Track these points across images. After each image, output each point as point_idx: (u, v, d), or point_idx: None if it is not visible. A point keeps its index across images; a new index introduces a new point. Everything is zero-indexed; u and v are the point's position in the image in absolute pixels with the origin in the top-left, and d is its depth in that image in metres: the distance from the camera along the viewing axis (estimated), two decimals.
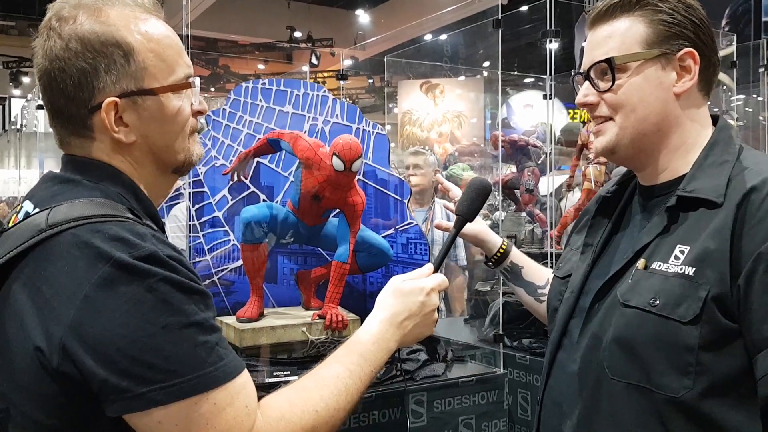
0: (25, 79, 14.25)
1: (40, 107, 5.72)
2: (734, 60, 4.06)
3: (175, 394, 0.82)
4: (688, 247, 1.03)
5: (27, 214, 0.92)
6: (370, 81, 14.10)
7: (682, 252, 1.04)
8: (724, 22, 7.09)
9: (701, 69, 1.11)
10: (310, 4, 13.90)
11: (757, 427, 0.98)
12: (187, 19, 2.02)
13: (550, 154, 3.23)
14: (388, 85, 6.35)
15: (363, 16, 13.42)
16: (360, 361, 1.05)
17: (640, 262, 1.09)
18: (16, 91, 14.42)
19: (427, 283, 1.18)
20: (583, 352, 1.13)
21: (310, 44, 13.03)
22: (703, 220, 1.04)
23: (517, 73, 7.22)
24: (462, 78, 6.08)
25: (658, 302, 1.03)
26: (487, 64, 4.60)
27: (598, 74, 1.15)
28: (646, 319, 1.03)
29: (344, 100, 2.28)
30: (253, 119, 2.13)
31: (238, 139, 2.12)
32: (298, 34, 13.47)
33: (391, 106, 6.78)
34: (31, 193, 0.98)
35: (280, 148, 1.97)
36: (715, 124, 1.17)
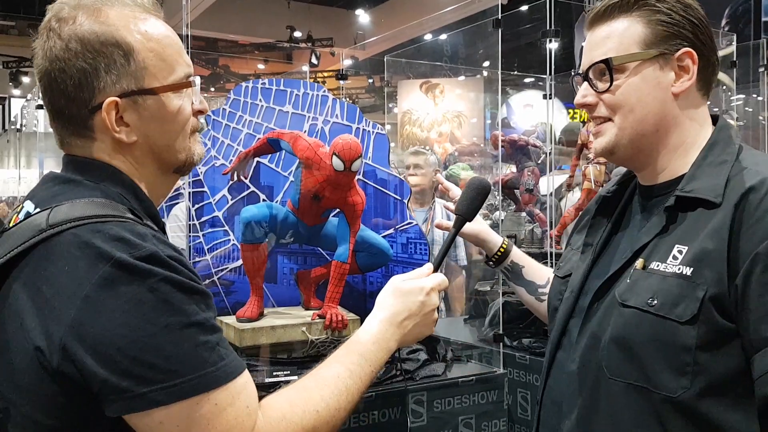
0: (25, 79, 14.24)
1: (39, 107, 5.72)
2: (734, 60, 4.06)
3: (176, 395, 0.82)
4: (687, 247, 1.03)
5: (28, 214, 0.92)
6: (370, 81, 14.09)
7: (681, 252, 1.04)
8: (723, 21, 7.08)
9: (700, 69, 1.11)
10: (310, 3, 13.90)
11: (755, 427, 0.98)
12: (186, 18, 2.02)
13: (550, 153, 3.23)
14: (388, 84, 6.35)
15: (363, 16, 13.42)
16: (360, 360, 1.05)
17: (639, 262, 1.09)
18: (16, 91, 14.41)
19: (427, 282, 1.18)
20: (582, 352, 1.13)
21: (310, 44, 13.03)
22: (701, 220, 1.04)
23: (517, 72, 7.23)
24: (462, 78, 6.09)
25: (655, 302, 1.03)
26: (487, 63, 4.60)
27: (597, 75, 1.15)
28: (643, 319, 1.04)
29: (344, 99, 2.28)
30: (253, 119, 2.13)
31: (238, 139, 2.12)
32: (298, 34, 13.47)
33: (391, 105, 6.79)
34: (32, 193, 0.98)
35: (279, 148, 1.97)
36: (715, 124, 1.16)
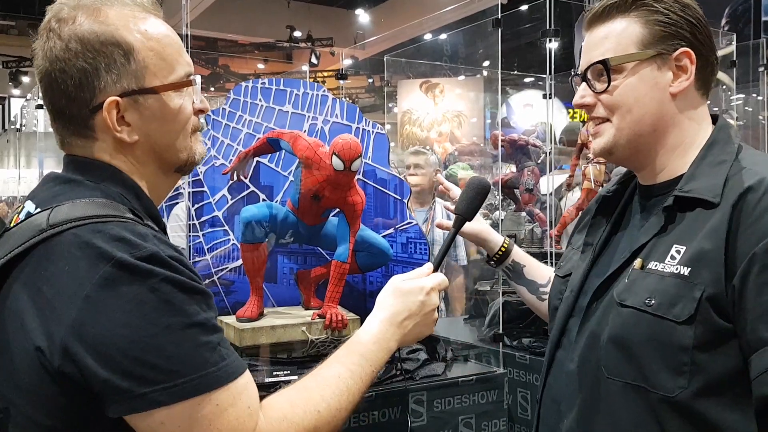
0: (25, 79, 14.24)
1: (39, 107, 5.72)
2: (734, 59, 4.07)
3: (178, 395, 0.82)
4: (685, 247, 1.03)
5: (28, 214, 0.92)
6: (370, 80, 14.08)
7: (679, 252, 1.04)
8: (723, 21, 7.08)
9: (698, 68, 1.11)
10: (310, 3, 13.89)
11: (752, 427, 0.98)
12: (186, 18, 2.02)
13: (549, 153, 3.23)
14: (388, 84, 6.35)
15: (363, 16, 13.41)
16: (361, 361, 1.05)
17: (637, 262, 1.09)
18: (16, 91, 14.40)
19: (427, 282, 1.18)
20: (581, 351, 1.14)
21: (309, 44, 13.02)
22: (699, 220, 1.04)
23: (516, 72, 7.24)
24: (462, 77, 6.09)
25: (653, 302, 1.03)
26: (486, 63, 4.61)
27: (595, 75, 1.15)
28: (641, 319, 1.04)
29: (344, 99, 2.28)
30: (253, 119, 2.13)
31: (238, 139, 2.12)
32: (297, 34, 13.46)
33: (390, 105, 6.79)
34: (33, 193, 0.98)
35: (279, 148, 1.97)
36: (715, 124, 1.16)
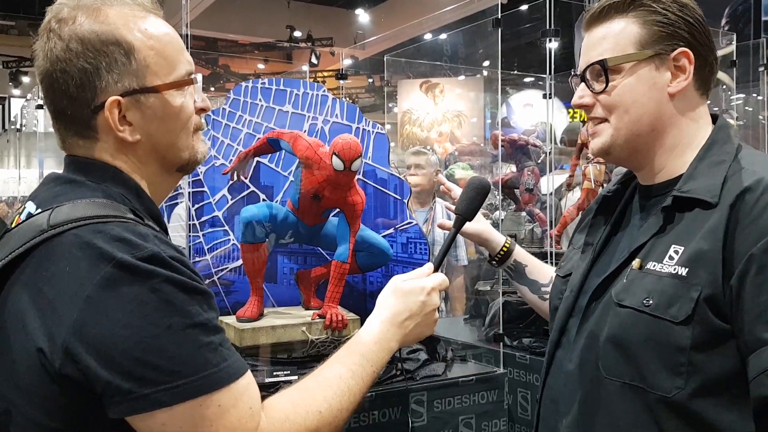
0: (25, 79, 14.23)
1: (39, 107, 5.73)
2: (734, 59, 4.06)
3: (180, 395, 0.82)
4: (683, 248, 1.03)
5: (29, 215, 0.92)
6: (370, 80, 14.07)
7: (677, 252, 1.04)
8: (723, 21, 7.08)
9: (697, 68, 1.11)
10: (310, 3, 13.89)
11: (750, 428, 0.98)
12: (186, 18, 2.02)
13: (550, 153, 3.23)
14: (388, 84, 6.34)
15: (363, 16, 13.41)
16: (362, 361, 1.05)
17: (635, 262, 1.09)
18: (16, 91, 14.40)
19: (428, 282, 1.18)
20: (580, 351, 1.14)
21: (309, 44, 13.02)
22: (698, 221, 1.04)
23: (516, 72, 7.23)
24: (462, 77, 6.09)
25: (651, 302, 1.03)
26: (486, 63, 4.60)
27: (593, 76, 1.15)
28: (639, 319, 1.04)
29: (344, 99, 2.28)
30: (253, 119, 2.13)
31: (238, 139, 2.12)
32: (297, 34, 13.46)
33: (390, 105, 6.79)
34: (34, 193, 0.98)
35: (279, 148, 1.97)
36: (715, 124, 1.16)
